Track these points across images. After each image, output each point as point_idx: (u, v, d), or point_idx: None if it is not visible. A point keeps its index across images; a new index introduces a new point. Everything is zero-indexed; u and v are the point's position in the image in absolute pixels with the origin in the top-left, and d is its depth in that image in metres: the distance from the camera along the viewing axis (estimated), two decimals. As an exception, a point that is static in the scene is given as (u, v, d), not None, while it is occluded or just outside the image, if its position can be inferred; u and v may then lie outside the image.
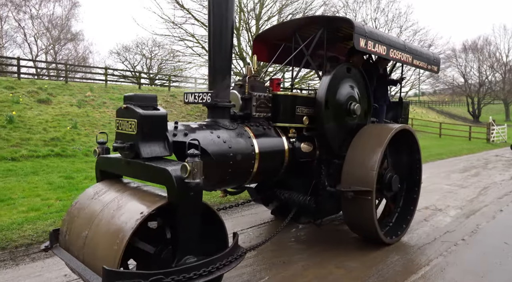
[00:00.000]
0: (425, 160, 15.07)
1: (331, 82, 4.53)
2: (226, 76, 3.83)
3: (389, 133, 4.66)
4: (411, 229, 5.77)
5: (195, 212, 2.77)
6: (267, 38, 5.42)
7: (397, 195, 5.63)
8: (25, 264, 4.29)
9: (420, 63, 5.64)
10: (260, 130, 4.11)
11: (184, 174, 2.62)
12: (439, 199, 8.07)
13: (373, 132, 4.85)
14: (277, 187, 4.96)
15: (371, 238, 4.92)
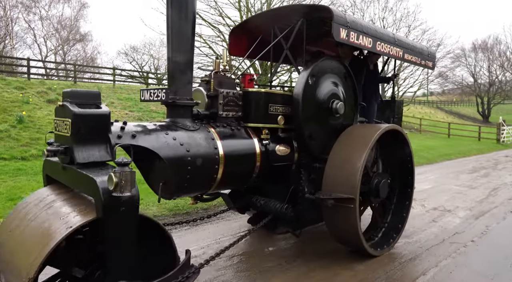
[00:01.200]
0: (434, 160, 15.18)
1: (310, 78, 4.11)
2: (186, 71, 3.44)
3: (375, 135, 4.22)
4: (419, 230, 5.75)
5: (128, 230, 2.38)
6: (244, 32, 5.00)
7: (389, 201, 5.18)
8: None
9: (413, 58, 5.18)
10: (227, 131, 3.70)
11: (111, 186, 2.23)
12: (448, 200, 7.97)
13: (357, 133, 4.41)
14: (253, 193, 4.56)
15: (356, 250, 4.49)
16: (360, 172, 4.03)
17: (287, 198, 4.18)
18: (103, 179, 2.32)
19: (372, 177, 4.57)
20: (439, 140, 25.76)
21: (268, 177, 4.21)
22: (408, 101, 41.35)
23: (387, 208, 5.17)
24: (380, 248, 4.60)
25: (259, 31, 4.91)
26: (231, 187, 4.01)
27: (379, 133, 4.24)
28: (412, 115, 38.60)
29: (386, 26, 34.35)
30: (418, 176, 11.18)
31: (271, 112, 3.97)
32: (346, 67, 4.62)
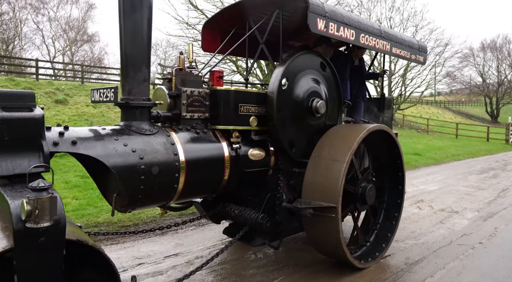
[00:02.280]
0: (441, 161, 15.00)
1: (286, 75, 3.75)
2: (141, 68, 3.09)
3: (358, 136, 3.83)
4: (427, 232, 5.68)
5: (49, 263, 2.02)
6: (218, 25, 4.64)
7: (378, 207, 4.78)
8: None
9: (402, 52, 4.78)
10: (190, 135, 3.34)
11: (23, 216, 1.88)
12: (456, 201, 7.88)
13: (340, 135, 4.03)
14: (228, 201, 4.19)
15: (340, 262, 4.09)
16: (342, 177, 3.64)
17: (262, 207, 3.81)
18: (19, 203, 1.97)
19: (358, 182, 4.17)
20: (447, 140, 25.55)
21: (241, 184, 3.84)
22: (415, 101, 40.73)
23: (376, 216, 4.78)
24: (365, 260, 4.20)
25: (234, 24, 4.56)
26: (196, 196, 3.65)
27: (362, 135, 3.85)
28: (420, 115, 38.00)
29: (393, 26, 33.92)
30: (426, 177, 11.33)
31: (241, 113, 3.60)
32: (328, 63, 4.24)
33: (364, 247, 4.56)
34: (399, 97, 35.81)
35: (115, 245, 4.87)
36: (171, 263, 4.30)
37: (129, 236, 5.06)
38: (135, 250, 4.69)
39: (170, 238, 5.19)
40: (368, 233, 4.70)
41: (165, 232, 5.37)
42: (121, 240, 5.02)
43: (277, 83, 3.65)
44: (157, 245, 4.88)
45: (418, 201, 7.86)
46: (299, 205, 3.67)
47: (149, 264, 4.27)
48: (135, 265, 4.24)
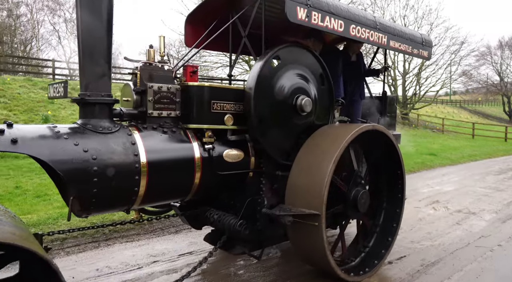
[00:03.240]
0: (457, 161, 14.63)
1: (266, 69, 3.43)
2: (99, 61, 2.82)
3: (346, 137, 3.48)
4: (443, 233, 5.59)
5: None
6: (201, 19, 4.34)
7: (374, 215, 4.41)
8: (60, 258, 4.37)
9: (401, 46, 4.38)
10: (155, 134, 3.06)
11: None
12: (473, 202, 7.69)
13: (327, 136, 3.68)
14: (209, 205, 3.90)
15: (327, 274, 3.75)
16: (326, 182, 3.30)
17: (241, 213, 3.50)
18: None
19: (350, 187, 3.82)
20: (463, 141, 24.93)
21: (217, 188, 3.55)
22: (430, 100, 39.75)
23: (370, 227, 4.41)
24: (356, 274, 3.84)
25: (216, 17, 4.25)
26: (164, 201, 3.36)
27: (351, 136, 3.49)
28: (435, 115, 37.06)
29: (408, 25, 33.12)
30: (441, 177, 10.98)
31: (214, 111, 3.29)
32: (317, 57, 3.90)
33: (359, 258, 4.23)
34: (414, 97, 34.97)
35: (130, 242, 4.96)
36: (185, 261, 4.34)
37: (143, 234, 5.21)
38: (149, 248, 4.76)
39: (184, 236, 5.20)
40: (367, 238, 4.36)
41: (179, 230, 5.41)
42: (136, 238, 5.09)
43: (255, 78, 3.34)
44: (171, 243, 4.93)
45: (434, 202, 7.68)
46: (277, 211, 3.35)
47: (164, 262, 4.34)
48: (150, 262, 4.31)
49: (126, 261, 4.32)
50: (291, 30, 4.60)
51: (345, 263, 4.08)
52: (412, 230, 5.75)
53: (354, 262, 4.13)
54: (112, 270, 4.06)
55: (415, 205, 7.46)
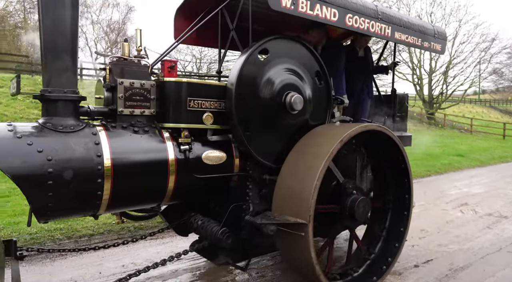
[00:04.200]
0: (487, 163, 14.14)
1: (251, 63, 3.14)
2: (61, 55, 2.61)
3: (339, 139, 3.13)
4: (472, 237, 5.41)
5: None
6: (190, 13, 4.06)
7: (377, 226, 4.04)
8: (88, 253, 4.45)
9: (409, 38, 3.97)
10: (124, 134, 2.81)
11: None
12: (504, 205, 7.40)
13: (320, 136, 3.35)
14: (194, 210, 3.64)
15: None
16: (314, 188, 2.97)
17: (223, 220, 3.22)
18: None
19: (347, 193, 3.47)
20: (493, 141, 23.87)
21: (197, 193, 3.28)
22: (457, 100, 38.24)
23: (374, 235, 4.04)
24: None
25: (204, 10, 3.96)
26: (135, 206, 3.11)
27: (344, 137, 3.14)
28: (462, 115, 35.59)
29: (434, 21, 32.00)
30: (470, 179, 10.51)
31: (191, 109, 3.02)
32: (312, 51, 3.57)
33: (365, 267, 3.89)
34: (440, 96, 33.71)
35: (154, 240, 5.00)
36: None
37: (167, 231, 4.99)
38: (173, 246, 4.82)
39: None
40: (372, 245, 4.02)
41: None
42: (160, 235, 5.00)
43: (237, 73, 3.05)
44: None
45: (462, 204, 7.44)
46: (259, 219, 3.05)
47: (187, 260, 4.36)
48: (174, 260, 4.21)
49: (150, 258, 4.40)
50: (290, 23, 4.27)
51: (347, 275, 3.74)
52: (440, 233, 5.58)
53: (358, 272, 3.78)
54: (137, 267, 4.10)
55: (442, 207, 7.24)
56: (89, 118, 2.95)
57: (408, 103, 4.81)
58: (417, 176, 11.32)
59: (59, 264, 4.24)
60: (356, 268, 3.85)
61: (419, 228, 5.83)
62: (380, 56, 5.30)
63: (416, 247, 4.98)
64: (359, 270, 3.80)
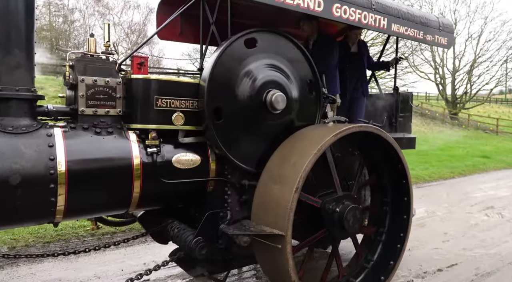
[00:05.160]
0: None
1: (227, 58, 2.89)
2: (12, 50, 2.42)
3: (323, 141, 2.83)
4: (499, 241, 5.25)
5: None
6: (173, 7, 3.82)
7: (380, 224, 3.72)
8: (110, 250, 4.50)
9: (409, 31, 3.61)
10: (83, 136, 2.60)
11: None
12: None
13: (304, 138, 3.06)
14: (174, 216, 3.41)
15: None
16: (293, 196, 2.69)
17: (198, 229, 2.97)
18: None
19: (333, 204, 3.16)
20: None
21: (169, 199, 3.05)
22: (482, 99, 36.87)
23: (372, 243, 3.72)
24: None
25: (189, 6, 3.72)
26: (97, 213, 2.90)
27: (329, 139, 2.84)
28: (488, 115, 34.25)
29: (458, 19, 30.96)
30: (496, 182, 10.11)
31: (159, 108, 2.78)
32: (299, 46, 3.28)
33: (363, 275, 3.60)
34: (464, 96, 32.55)
35: None
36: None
37: None
38: None
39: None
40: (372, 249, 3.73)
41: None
42: None
43: (211, 68, 2.80)
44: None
45: (487, 208, 7.22)
46: (230, 230, 2.78)
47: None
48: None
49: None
50: (279, 17, 3.98)
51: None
52: (464, 237, 5.45)
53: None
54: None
55: (466, 210, 7.01)
56: (52, 119, 2.76)
57: (413, 103, 4.44)
58: (440, 177, 11.03)
59: (83, 261, 4.40)
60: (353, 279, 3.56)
61: (443, 231, 5.71)
62: (382, 52, 4.93)
63: (439, 250, 4.88)
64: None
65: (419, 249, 4.97)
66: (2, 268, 4.15)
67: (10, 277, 3.97)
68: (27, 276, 4.01)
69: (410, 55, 28.12)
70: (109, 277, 3.98)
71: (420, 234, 5.53)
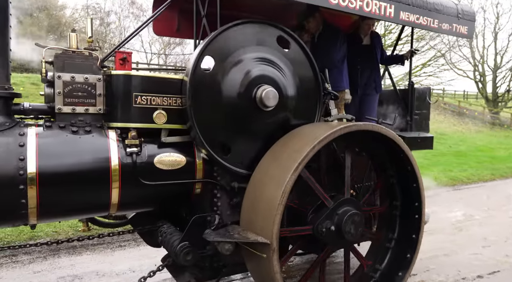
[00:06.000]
0: None
1: (213, 52, 2.70)
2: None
3: (315, 141, 2.58)
4: None
5: None
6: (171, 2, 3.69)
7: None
8: (144, 246, 4.41)
9: (421, 19, 3.27)
10: (59, 134, 2.49)
11: None
12: None
13: (297, 138, 2.81)
14: (166, 218, 3.27)
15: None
16: (280, 201, 2.46)
17: (183, 234, 2.80)
18: None
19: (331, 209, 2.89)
20: None
21: (153, 201, 2.89)
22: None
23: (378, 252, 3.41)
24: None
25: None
26: (74, 216, 2.79)
27: (323, 139, 2.58)
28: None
29: (501, 13, 29.35)
30: None
31: (138, 105, 2.63)
32: (295, 38, 3.04)
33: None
34: (507, 94, 30.72)
35: None
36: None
37: None
38: None
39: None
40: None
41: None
42: None
43: (194, 62, 2.62)
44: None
45: None
46: (212, 236, 2.59)
47: None
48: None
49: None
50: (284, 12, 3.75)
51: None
52: (507, 242, 5.20)
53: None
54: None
55: (509, 214, 6.65)
56: (32, 118, 2.69)
57: (431, 100, 4.06)
58: (479, 179, 10.52)
59: (119, 254, 4.59)
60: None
61: (482, 236, 5.43)
62: (396, 44, 4.55)
63: (479, 256, 4.69)
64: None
65: (457, 254, 4.79)
66: (45, 258, 4.51)
67: (52, 267, 4.29)
68: (67, 267, 4.30)
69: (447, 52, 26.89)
70: (143, 271, 4.08)
71: (458, 239, 5.34)
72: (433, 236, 4.74)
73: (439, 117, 26.22)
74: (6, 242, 4.94)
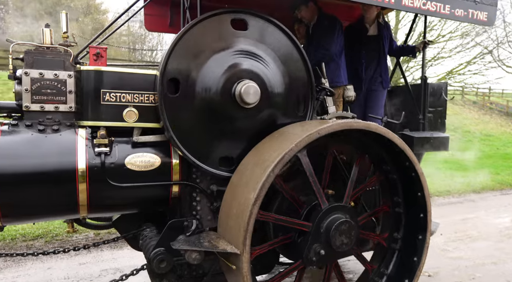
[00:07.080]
0: None
1: (188, 45, 2.51)
2: None
3: (294, 142, 2.32)
4: None
5: None
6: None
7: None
8: None
9: (427, 4, 2.89)
10: (23, 133, 2.39)
11: None
12: None
13: (279, 138, 2.57)
14: (149, 221, 3.14)
15: None
16: (252, 208, 2.23)
17: (158, 240, 2.64)
18: None
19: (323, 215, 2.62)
20: None
21: (127, 204, 2.74)
22: None
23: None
24: None
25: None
26: (42, 218, 2.67)
27: (304, 139, 2.32)
28: None
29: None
30: None
31: (107, 103, 2.49)
32: (283, 29, 2.79)
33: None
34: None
35: None
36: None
37: None
38: None
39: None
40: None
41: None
42: None
43: (165, 58, 2.44)
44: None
45: None
46: (177, 244, 2.40)
47: None
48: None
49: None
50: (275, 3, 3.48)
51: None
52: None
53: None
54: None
55: None
56: (5, 116, 2.61)
57: (447, 96, 3.66)
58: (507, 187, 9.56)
59: None
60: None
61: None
62: (408, 34, 4.12)
63: None
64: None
65: (506, 262, 4.55)
66: (90, 251, 4.75)
67: (96, 260, 4.56)
68: (109, 260, 4.56)
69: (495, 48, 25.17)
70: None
71: (507, 246, 5.10)
72: (479, 243, 4.62)
73: (485, 118, 24.69)
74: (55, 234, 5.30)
